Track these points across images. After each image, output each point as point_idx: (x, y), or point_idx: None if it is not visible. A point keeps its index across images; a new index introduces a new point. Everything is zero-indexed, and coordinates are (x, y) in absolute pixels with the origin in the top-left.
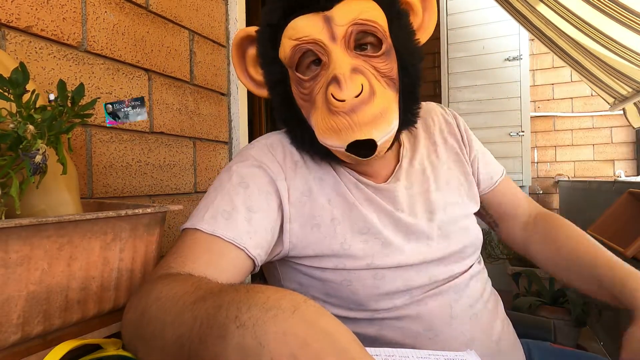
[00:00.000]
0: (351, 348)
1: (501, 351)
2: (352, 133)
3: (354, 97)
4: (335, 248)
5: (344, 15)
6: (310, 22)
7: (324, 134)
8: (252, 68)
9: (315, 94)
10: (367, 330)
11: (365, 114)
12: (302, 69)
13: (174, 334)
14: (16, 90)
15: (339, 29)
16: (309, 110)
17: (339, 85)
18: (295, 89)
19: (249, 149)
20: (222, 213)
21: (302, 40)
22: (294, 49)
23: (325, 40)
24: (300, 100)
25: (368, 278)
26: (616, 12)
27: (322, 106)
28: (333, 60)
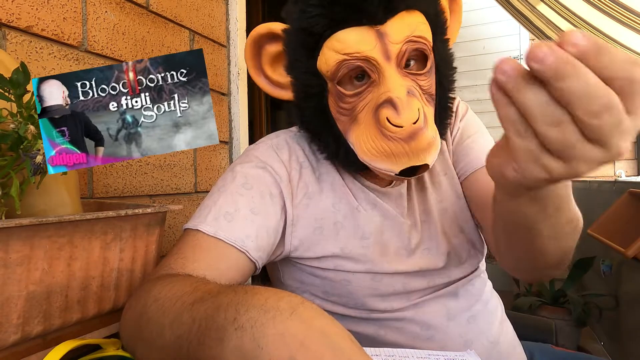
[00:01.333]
0: (349, 349)
1: (500, 353)
2: (408, 160)
3: (412, 124)
4: (336, 251)
5: (399, 32)
6: (363, 37)
7: (374, 157)
8: (269, 67)
9: (358, 111)
10: (365, 329)
11: (422, 141)
12: (344, 82)
13: (173, 335)
14: (17, 91)
15: (394, 47)
16: (348, 126)
17: (397, 109)
18: (334, 102)
19: (254, 150)
20: (224, 215)
21: (353, 57)
22: (341, 63)
23: (379, 59)
24: (338, 114)
25: (366, 280)
26: (616, 12)
27: (371, 127)
28: (387, 80)
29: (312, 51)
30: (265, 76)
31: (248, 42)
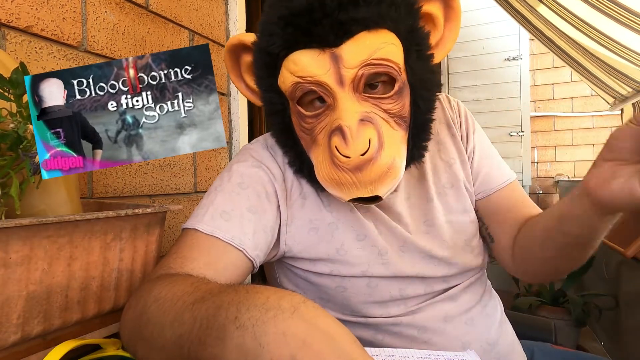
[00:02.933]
0: (351, 349)
1: (499, 354)
2: (356, 190)
3: (359, 155)
4: (331, 253)
5: (355, 56)
6: (316, 61)
7: (326, 182)
8: (247, 76)
9: (317, 132)
10: (362, 334)
11: (371, 173)
12: (304, 103)
13: (174, 335)
14: (16, 91)
15: (348, 72)
16: (310, 145)
17: (344, 139)
18: (296, 119)
19: (250, 149)
20: (221, 214)
21: (306, 80)
22: (295, 85)
23: (332, 84)
24: (300, 132)
25: (362, 286)
26: (616, 12)
27: (325, 152)
28: (339, 107)
29: (273, 69)
30: (246, 84)
31: (225, 52)
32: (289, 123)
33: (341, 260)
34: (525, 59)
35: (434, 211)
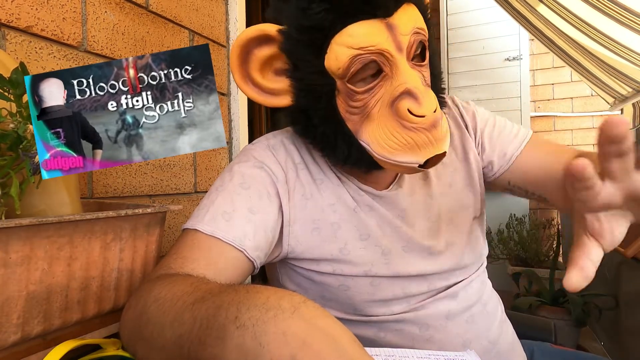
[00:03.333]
0: (351, 348)
1: (499, 353)
2: (433, 149)
3: (432, 112)
4: (334, 253)
5: (407, 23)
6: (374, 30)
7: (395, 150)
8: (257, 72)
9: (370, 107)
10: (364, 332)
11: (443, 129)
12: (353, 80)
13: (174, 335)
14: (16, 90)
15: (404, 38)
16: (359, 125)
17: (417, 100)
18: (343, 101)
19: (251, 150)
20: (222, 214)
21: (367, 50)
22: (354, 58)
23: (393, 51)
24: (347, 114)
25: (365, 285)
26: (616, 12)
27: (389, 121)
28: (401, 72)
29: (319, 49)
30: (253, 83)
31: (236, 48)
32: (334, 107)
33: (344, 260)
34: (525, 59)
35: (436, 208)
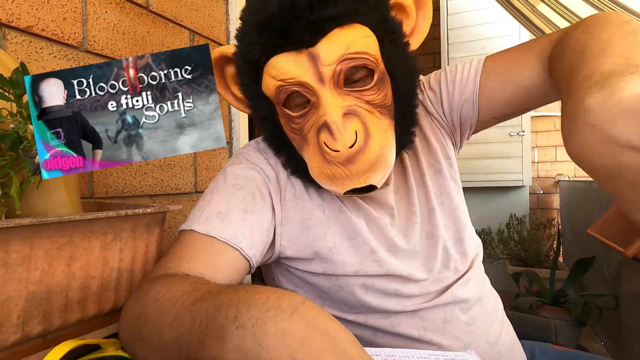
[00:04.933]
0: (350, 348)
1: (499, 353)
2: (350, 182)
3: (348, 148)
4: (323, 252)
5: (331, 53)
6: (294, 62)
7: (320, 179)
8: (233, 86)
9: (306, 131)
10: (362, 333)
11: (362, 164)
12: (290, 105)
13: (173, 335)
14: (16, 91)
15: (327, 69)
16: (301, 145)
17: (332, 134)
18: (285, 122)
19: (243, 152)
20: (217, 214)
21: (287, 82)
22: (279, 89)
23: (313, 83)
24: (291, 133)
25: (357, 285)
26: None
27: (316, 149)
28: (322, 104)
29: (255, 76)
30: (233, 95)
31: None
32: (279, 126)
33: (334, 259)
34: None
35: (415, 202)
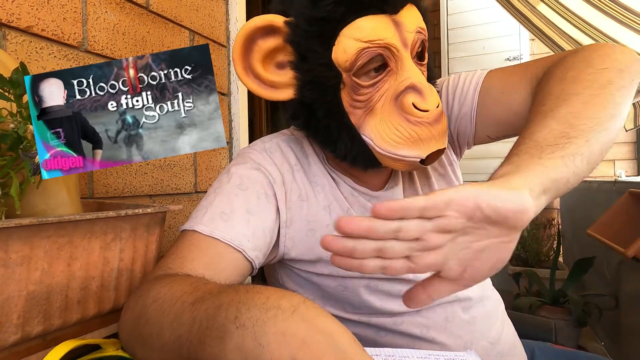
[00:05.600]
0: (351, 349)
1: (500, 353)
2: (435, 143)
3: (436, 108)
4: (328, 254)
5: (412, 22)
6: (382, 25)
7: (398, 144)
8: (259, 64)
9: (374, 102)
10: (365, 332)
11: (443, 124)
12: (359, 74)
13: (173, 335)
14: (16, 91)
15: (410, 36)
16: (363, 119)
17: (422, 95)
18: (347, 95)
19: (248, 152)
20: (220, 215)
21: (375, 44)
22: (362, 51)
23: (399, 46)
24: (351, 107)
25: (362, 285)
26: (616, 12)
27: (393, 115)
28: (406, 68)
29: (328, 41)
30: (255, 75)
31: (241, 37)
32: (339, 101)
33: None
34: (526, 59)
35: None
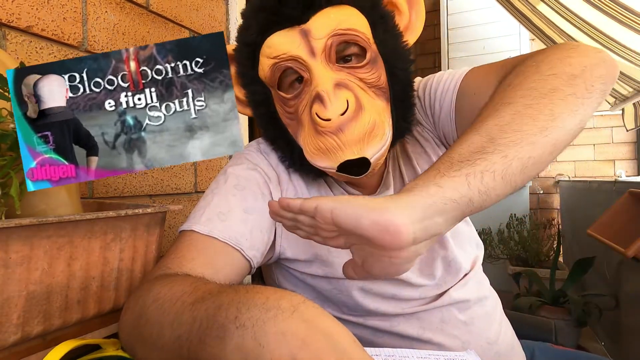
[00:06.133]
0: (350, 348)
1: (499, 353)
2: (342, 153)
3: (339, 115)
4: (322, 254)
5: (322, 28)
6: (287, 38)
7: (313, 155)
8: (237, 87)
9: (300, 113)
10: (362, 333)
11: (354, 132)
12: (284, 87)
13: (173, 335)
14: None
15: (318, 43)
16: (296, 130)
17: (323, 103)
18: (280, 108)
19: (244, 153)
20: (218, 215)
21: (280, 58)
22: (273, 67)
23: (304, 56)
24: (286, 119)
25: (355, 289)
26: (616, 12)
27: (309, 126)
28: (314, 76)
29: (253, 61)
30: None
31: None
32: (274, 113)
33: (333, 261)
34: None
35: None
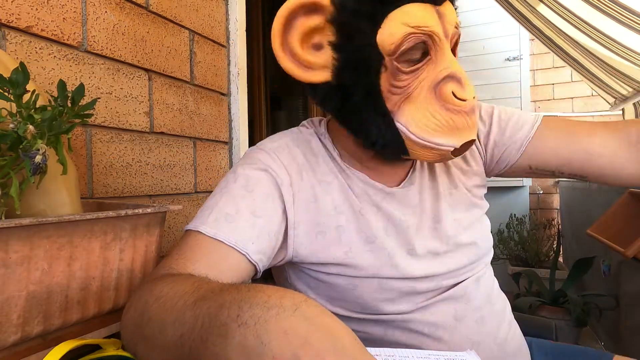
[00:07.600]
0: (352, 347)
1: (507, 353)
2: (469, 133)
3: (472, 98)
4: (339, 256)
5: (452, 15)
6: (429, 13)
7: (434, 132)
8: (297, 43)
9: (412, 89)
10: (372, 330)
11: (476, 117)
12: (400, 60)
13: (175, 334)
14: (16, 91)
15: (450, 27)
16: (399, 105)
17: (461, 84)
18: (387, 79)
19: (256, 152)
20: (225, 216)
21: (421, 30)
22: (407, 36)
23: (441, 36)
24: (389, 93)
25: (373, 284)
26: (616, 12)
27: (431, 102)
28: (446, 57)
29: (375, 22)
30: (291, 54)
31: (283, 12)
32: (378, 84)
33: (350, 263)
34: (526, 59)
35: (441, 209)
